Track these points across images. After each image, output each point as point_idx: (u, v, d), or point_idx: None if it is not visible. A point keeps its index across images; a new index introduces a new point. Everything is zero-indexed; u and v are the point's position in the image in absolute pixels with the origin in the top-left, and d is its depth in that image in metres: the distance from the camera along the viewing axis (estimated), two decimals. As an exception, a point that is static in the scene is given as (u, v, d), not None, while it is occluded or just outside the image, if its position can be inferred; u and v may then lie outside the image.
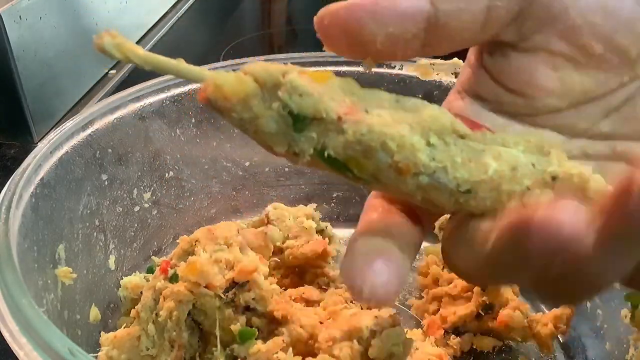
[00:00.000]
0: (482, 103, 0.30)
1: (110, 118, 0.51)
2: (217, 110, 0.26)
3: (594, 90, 0.28)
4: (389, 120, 0.25)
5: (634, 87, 0.28)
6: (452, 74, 0.54)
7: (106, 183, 0.51)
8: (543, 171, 0.25)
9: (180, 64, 0.26)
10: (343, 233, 0.62)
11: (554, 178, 0.25)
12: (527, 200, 0.26)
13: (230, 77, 0.25)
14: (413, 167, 0.25)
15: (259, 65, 0.25)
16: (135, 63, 0.26)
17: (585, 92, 0.28)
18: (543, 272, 0.23)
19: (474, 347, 0.50)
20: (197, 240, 0.42)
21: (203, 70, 0.26)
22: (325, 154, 0.25)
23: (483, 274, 0.27)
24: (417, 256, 0.61)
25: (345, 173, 0.26)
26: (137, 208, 0.54)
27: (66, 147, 0.47)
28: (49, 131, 0.72)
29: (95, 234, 0.49)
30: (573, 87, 0.28)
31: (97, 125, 0.49)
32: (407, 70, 0.57)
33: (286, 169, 0.62)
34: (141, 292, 0.46)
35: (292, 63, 0.28)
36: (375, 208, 0.29)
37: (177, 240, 0.44)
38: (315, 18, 0.27)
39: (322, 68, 0.58)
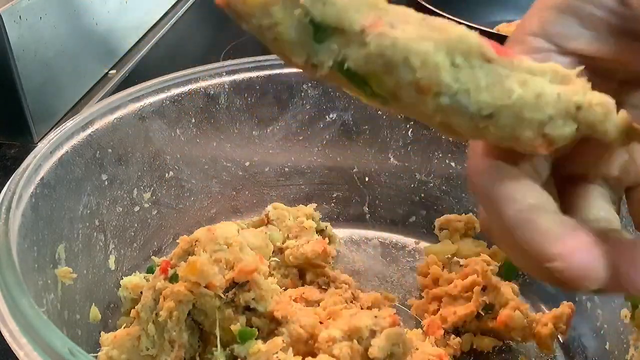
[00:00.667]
0: None
1: (110, 118, 0.51)
2: (235, 15, 0.25)
3: None
4: (413, 36, 0.24)
5: None
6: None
7: (106, 183, 0.51)
8: (568, 100, 0.25)
9: None
10: (343, 233, 0.62)
11: (578, 108, 0.25)
12: (547, 131, 0.25)
13: None
14: (435, 87, 0.24)
15: None
16: None
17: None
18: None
19: (474, 347, 0.50)
20: (197, 240, 0.42)
21: None
22: (345, 66, 0.24)
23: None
24: (417, 256, 0.61)
25: (363, 88, 0.25)
26: (137, 208, 0.54)
27: (66, 147, 0.47)
28: (49, 131, 0.72)
29: (95, 234, 0.49)
30: None
31: (97, 125, 0.49)
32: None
33: (286, 169, 0.62)
34: (141, 292, 0.46)
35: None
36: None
37: (177, 240, 0.44)
38: None
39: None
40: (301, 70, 0.26)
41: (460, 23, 0.25)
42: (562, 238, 0.24)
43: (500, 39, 0.28)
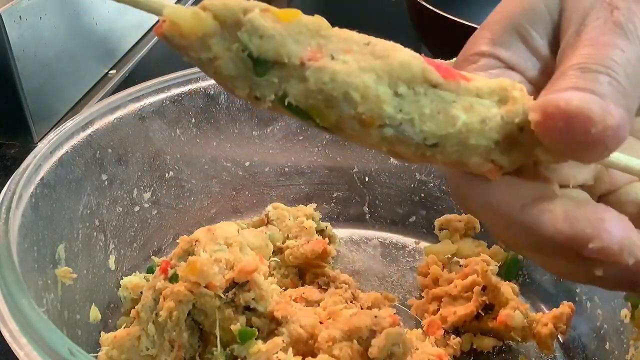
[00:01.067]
0: None
1: (110, 118, 0.51)
2: (174, 48, 0.24)
3: None
4: (354, 68, 0.23)
5: None
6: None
7: (106, 183, 0.51)
8: (512, 122, 0.24)
9: None
10: (343, 233, 0.62)
11: (520, 129, 0.24)
12: (494, 157, 0.25)
13: (188, 13, 0.23)
14: (377, 120, 0.24)
15: (219, 0, 0.23)
16: None
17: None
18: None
19: (474, 347, 0.50)
20: (197, 240, 0.42)
21: (162, 2, 0.24)
22: (286, 102, 0.24)
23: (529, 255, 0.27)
24: (417, 256, 0.61)
25: (307, 121, 0.25)
26: (137, 208, 0.54)
27: (66, 147, 0.47)
28: (49, 131, 0.72)
29: (95, 234, 0.49)
30: None
31: (97, 125, 0.49)
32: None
33: (286, 169, 0.62)
34: (141, 292, 0.46)
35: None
36: None
37: (177, 240, 0.44)
38: None
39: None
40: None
41: (460, 23, 0.25)
42: (588, 217, 0.23)
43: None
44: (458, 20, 0.72)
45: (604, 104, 0.22)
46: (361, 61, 0.24)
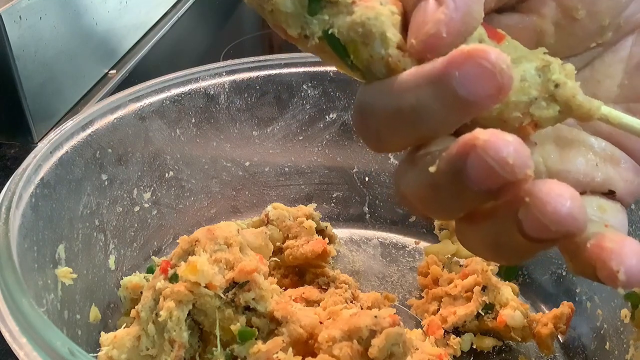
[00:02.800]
0: None
1: (110, 118, 0.51)
2: None
3: (562, 52, 0.29)
4: (397, 18, 0.25)
5: (596, 52, 0.29)
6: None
7: (106, 183, 0.51)
8: (548, 79, 0.26)
9: None
10: (343, 233, 0.62)
11: (556, 86, 0.26)
12: (533, 111, 0.26)
13: None
14: (402, 64, 0.25)
15: None
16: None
17: (553, 54, 0.28)
18: (478, 203, 0.24)
19: (474, 347, 0.50)
20: (197, 240, 0.42)
21: None
22: (329, 32, 0.26)
23: (423, 202, 0.26)
24: (417, 256, 0.61)
25: (344, 59, 0.26)
26: (137, 208, 0.54)
27: (66, 147, 0.47)
28: (49, 131, 0.72)
29: (95, 234, 0.49)
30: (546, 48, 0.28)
31: (97, 125, 0.49)
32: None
33: (286, 169, 0.62)
34: (141, 292, 0.46)
35: (292, 64, 0.28)
36: None
37: (177, 240, 0.44)
38: None
39: (322, 68, 0.58)
40: (299, 50, 0.27)
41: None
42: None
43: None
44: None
45: None
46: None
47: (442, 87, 0.23)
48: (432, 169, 0.24)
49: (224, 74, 0.57)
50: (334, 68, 0.57)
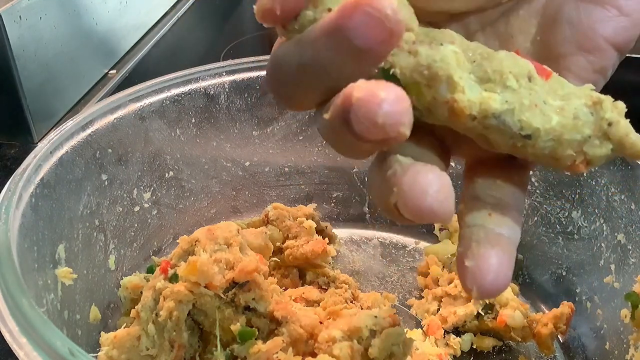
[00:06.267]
0: None
1: (110, 118, 0.51)
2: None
3: (475, 3, 0.28)
4: (460, 58, 0.25)
5: (511, 4, 0.28)
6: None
7: (106, 183, 0.51)
8: (601, 118, 0.26)
9: None
10: (343, 233, 0.62)
11: (609, 125, 0.25)
12: (587, 150, 0.26)
13: None
14: (467, 111, 0.25)
15: None
16: None
17: (467, 2, 0.28)
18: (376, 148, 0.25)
19: (474, 347, 0.50)
20: (197, 240, 0.42)
21: None
22: (391, 72, 0.25)
23: (332, 144, 0.26)
24: (417, 256, 0.61)
25: None
26: (137, 208, 0.54)
27: (66, 147, 0.47)
28: (49, 131, 0.72)
29: (95, 234, 0.49)
30: None
31: (97, 125, 0.49)
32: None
33: (286, 169, 0.62)
34: (141, 292, 0.46)
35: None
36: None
37: (177, 240, 0.44)
38: None
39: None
40: None
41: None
42: None
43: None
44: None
45: None
46: (468, 51, 0.25)
47: (338, 38, 0.23)
48: (325, 115, 0.24)
49: (224, 74, 0.57)
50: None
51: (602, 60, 0.27)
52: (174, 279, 0.41)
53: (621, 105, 0.26)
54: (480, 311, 0.49)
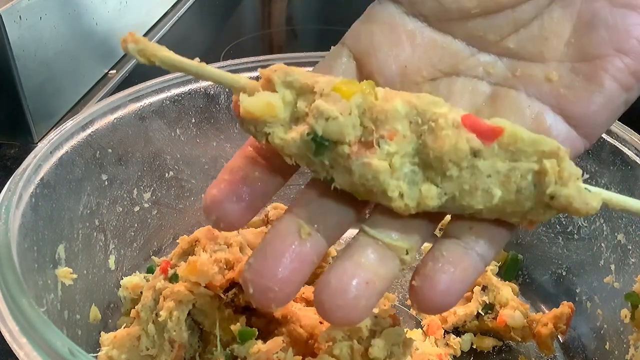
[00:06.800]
0: (396, 4, 0.30)
1: (110, 118, 0.51)
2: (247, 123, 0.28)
3: (507, 3, 0.28)
4: (395, 163, 0.26)
5: (545, 3, 0.28)
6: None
7: (106, 183, 0.51)
8: (543, 192, 0.26)
9: (206, 67, 0.28)
10: (343, 233, 0.62)
11: (551, 197, 0.26)
12: (530, 217, 0.27)
13: (261, 104, 0.27)
14: (406, 212, 0.27)
15: (289, 79, 0.28)
16: (158, 65, 0.28)
17: (497, 0, 0.28)
18: None
19: (474, 347, 0.50)
20: (197, 240, 0.42)
21: (241, 83, 0.28)
22: (332, 187, 0.27)
23: None
24: (417, 256, 0.61)
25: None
26: (137, 208, 0.54)
27: (66, 147, 0.47)
28: (49, 131, 0.72)
29: (95, 234, 0.49)
30: None
31: (97, 125, 0.49)
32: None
33: (286, 169, 0.62)
34: (141, 292, 0.46)
35: (292, 63, 0.28)
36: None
37: (177, 240, 0.44)
38: None
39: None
40: None
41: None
42: None
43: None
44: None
45: None
46: (405, 147, 0.26)
47: None
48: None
49: (224, 74, 0.57)
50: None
51: (638, 63, 0.27)
52: (174, 279, 0.41)
53: (567, 173, 0.25)
54: (480, 311, 0.49)
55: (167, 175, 0.56)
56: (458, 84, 0.29)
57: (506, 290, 0.50)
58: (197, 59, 0.28)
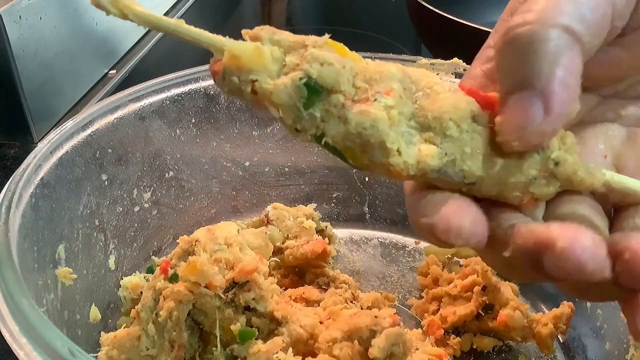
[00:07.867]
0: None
1: (110, 118, 0.51)
2: (231, 77, 0.25)
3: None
4: (394, 116, 0.24)
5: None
6: (452, 73, 0.54)
7: (106, 183, 0.51)
8: (547, 157, 0.25)
9: (183, 25, 0.25)
10: (343, 233, 0.62)
11: (556, 164, 0.25)
12: (533, 190, 0.25)
13: (250, 48, 0.24)
14: (404, 172, 0.25)
15: (278, 35, 0.25)
16: (132, 20, 0.26)
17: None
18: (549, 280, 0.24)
19: (474, 347, 0.50)
20: (197, 240, 0.42)
21: (222, 39, 0.25)
22: (322, 142, 0.25)
23: (502, 270, 0.27)
24: (417, 256, 0.61)
25: (341, 158, 0.26)
26: (137, 208, 0.54)
27: (66, 147, 0.47)
28: (49, 131, 0.72)
29: (95, 234, 0.49)
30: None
31: (97, 125, 0.49)
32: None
33: (286, 169, 0.62)
34: (141, 292, 0.46)
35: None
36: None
37: (177, 240, 0.44)
38: None
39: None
40: None
41: (460, 23, 0.25)
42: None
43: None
44: (457, 20, 0.72)
45: None
46: (401, 106, 0.25)
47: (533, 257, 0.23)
48: (505, 253, 0.24)
49: (224, 74, 0.57)
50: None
51: None
52: (174, 279, 0.41)
53: (570, 140, 0.25)
54: (480, 311, 0.49)
55: (167, 175, 0.56)
56: (589, 130, 0.29)
57: (506, 290, 0.49)
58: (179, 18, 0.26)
